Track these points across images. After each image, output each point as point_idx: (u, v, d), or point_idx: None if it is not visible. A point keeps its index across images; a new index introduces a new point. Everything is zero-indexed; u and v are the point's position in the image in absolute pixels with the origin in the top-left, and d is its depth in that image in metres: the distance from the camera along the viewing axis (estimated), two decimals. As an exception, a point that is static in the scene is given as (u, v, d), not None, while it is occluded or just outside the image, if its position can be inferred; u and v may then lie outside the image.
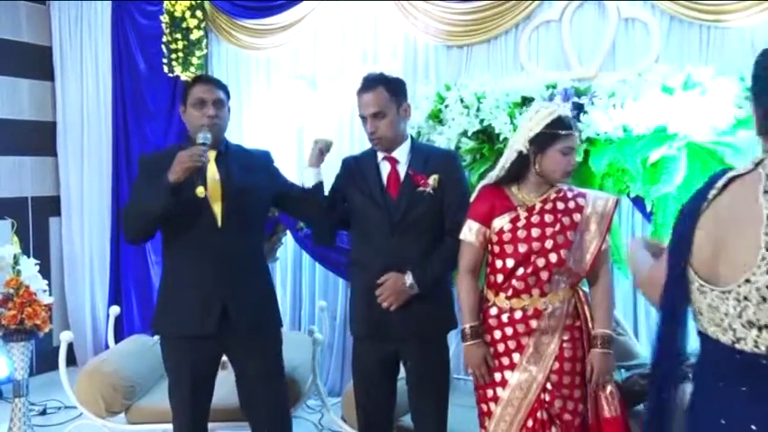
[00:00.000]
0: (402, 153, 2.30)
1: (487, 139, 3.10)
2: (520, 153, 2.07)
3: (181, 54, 3.93)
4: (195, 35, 3.92)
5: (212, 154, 2.27)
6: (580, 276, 2.10)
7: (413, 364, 2.29)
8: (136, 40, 4.22)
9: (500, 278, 2.10)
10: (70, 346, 3.09)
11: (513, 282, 2.07)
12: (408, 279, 2.19)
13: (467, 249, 2.16)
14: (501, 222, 2.10)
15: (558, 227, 2.05)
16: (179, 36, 3.92)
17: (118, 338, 3.31)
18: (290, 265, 4.00)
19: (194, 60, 3.94)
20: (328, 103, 3.77)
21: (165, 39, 3.99)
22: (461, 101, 3.13)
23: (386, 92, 2.24)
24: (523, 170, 2.08)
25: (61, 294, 4.50)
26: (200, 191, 2.12)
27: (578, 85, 2.98)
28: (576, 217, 2.08)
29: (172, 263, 2.33)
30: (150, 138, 4.23)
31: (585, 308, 2.10)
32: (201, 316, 2.22)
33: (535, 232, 2.05)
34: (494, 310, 2.11)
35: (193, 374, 2.28)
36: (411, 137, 2.37)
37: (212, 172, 2.26)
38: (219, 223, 2.24)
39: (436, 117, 3.23)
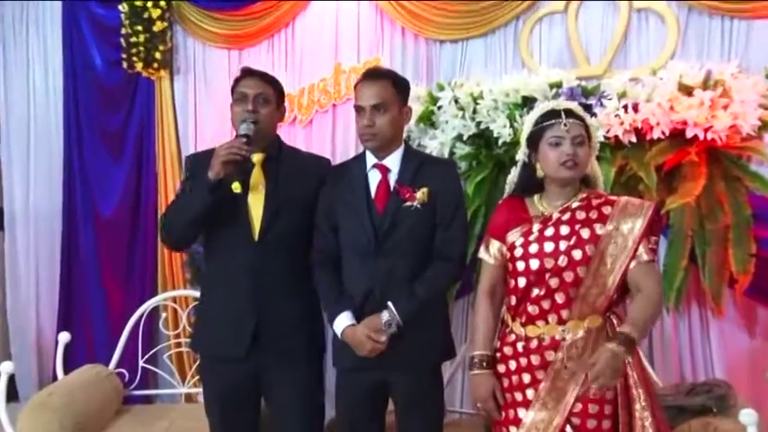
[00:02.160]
0: (394, 161, 2.29)
1: (485, 144, 3.10)
2: (524, 163, 2.11)
3: (142, 49, 3.85)
4: (158, 27, 3.84)
5: (259, 157, 2.32)
6: (610, 299, 2.00)
7: (402, 397, 2.28)
8: (91, 32, 4.15)
9: (514, 300, 2.07)
10: (11, 379, 3.00)
11: (528, 305, 2.03)
12: (385, 316, 2.17)
13: (484, 269, 2.16)
14: (514, 236, 2.08)
15: (573, 240, 1.99)
16: (140, 28, 3.85)
17: (68, 369, 3.24)
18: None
19: (157, 56, 3.87)
20: (308, 103, 3.74)
21: (124, 31, 3.91)
22: (456, 102, 3.13)
23: (392, 87, 2.25)
24: (535, 179, 2.09)
25: (2, 319, 4.40)
26: (235, 186, 2.20)
27: (586, 84, 2.99)
28: (598, 228, 1.99)
29: (208, 276, 2.45)
30: (108, 142, 4.17)
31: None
32: (232, 336, 2.28)
33: (548, 247, 2.00)
34: (511, 337, 2.07)
35: (223, 396, 2.34)
36: (406, 143, 2.36)
37: (257, 179, 2.31)
38: (256, 237, 2.28)
39: (428, 120, 3.23)
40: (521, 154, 2.12)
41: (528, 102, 3.01)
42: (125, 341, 3.37)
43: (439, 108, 3.19)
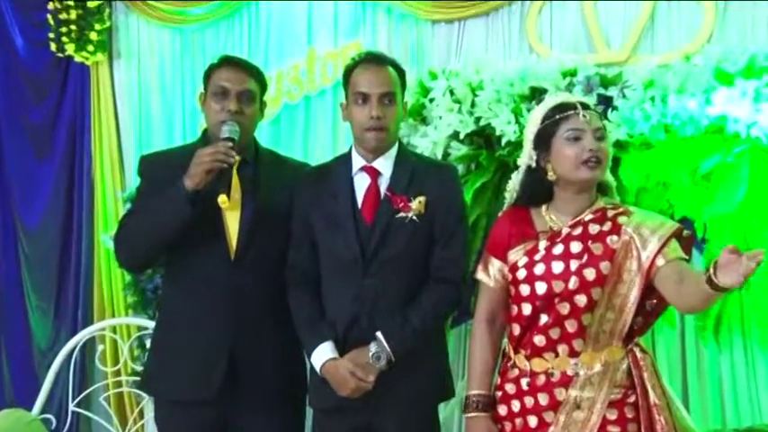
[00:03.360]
0: (386, 164, 2.28)
1: (485, 143, 3.09)
2: (528, 168, 2.09)
3: (74, 27, 3.83)
4: (93, 2, 3.85)
5: (234, 162, 2.32)
6: (632, 326, 1.99)
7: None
8: (11, 7, 4.16)
9: (516, 329, 2.06)
10: None
11: (534, 335, 2.01)
12: (373, 349, 2.16)
13: (482, 292, 2.15)
14: (516, 255, 2.06)
15: (585, 258, 1.97)
16: (71, 3, 3.84)
17: (-19, 415, 3.24)
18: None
19: (93, 36, 3.84)
20: (275, 95, 3.70)
21: (52, 6, 3.92)
22: (451, 93, 3.12)
23: (396, 75, 2.29)
24: (544, 186, 2.07)
25: None
26: (221, 200, 2.17)
27: (605, 73, 2.97)
28: (612, 240, 1.98)
29: (170, 303, 2.42)
30: (33, 139, 4.16)
31: (645, 375, 1.97)
32: (200, 374, 2.25)
33: (557, 267, 1.98)
34: (514, 372, 2.05)
35: None
36: (400, 143, 2.37)
37: (233, 187, 2.29)
38: (233, 255, 2.28)
39: (418, 115, 3.21)
40: (525, 158, 2.09)
41: (536, 93, 2.99)
42: (52, 380, 3.31)
43: (431, 101, 3.18)
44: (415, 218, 2.21)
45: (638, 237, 1.94)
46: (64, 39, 3.87)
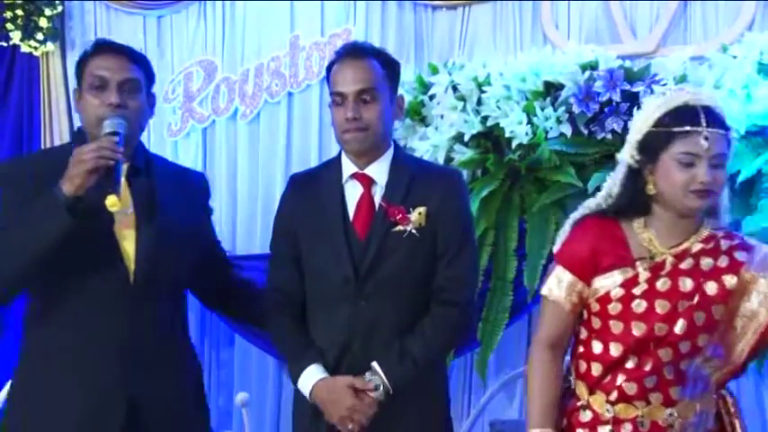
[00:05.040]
0: (381, 170, 2.28)
1: (493, 146, 3.11)
2: (629, 168, 2.00)
3: (20, 12, 3.84)
4: None
5: (124, 168, 2.25)
6: (733, 372, 2.01)
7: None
8: None
9: (597, 369, 2.01)
10: None
11: (620, 380, 1.96)
12: (368, 377, 2.16)
13: (549, 311, 2.06)
14: (607, 283, 1.99)
15: (697, 299, 1.93)
16: None
17: None
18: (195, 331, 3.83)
19: (42, 23, 3.84)
20: (253, 91, 3.74)
21: None
22: (454, 89, 3.15)
23: (381, 68, 2.27)
24: (644, 196, 1.99)
25: None
26: (110, 202, 2.05)
27: (631, 66, 2.98)
28: (729, 281, 1.94)
29: (43, 343, 2.25)
30: None
31: (736, 422, 2.01)
32: (92, 427, 2.16)
33: (661, 307, 1.93)
34: (586, 416, 2.01)
35: None
36: (396, 146, 2.37)
37: (124, 200, 2.20)
38: (132, 278, 2.22)
39: (417, 114, 3.25)
40: (626, 155, 2.00)
41: (551, 89, 3.01)
42: None
43: (431, 98, 3.19)
44: (414, 231, 2.21)
45: (745, 294, 1.95)
46: (9, 26, 3.86)
